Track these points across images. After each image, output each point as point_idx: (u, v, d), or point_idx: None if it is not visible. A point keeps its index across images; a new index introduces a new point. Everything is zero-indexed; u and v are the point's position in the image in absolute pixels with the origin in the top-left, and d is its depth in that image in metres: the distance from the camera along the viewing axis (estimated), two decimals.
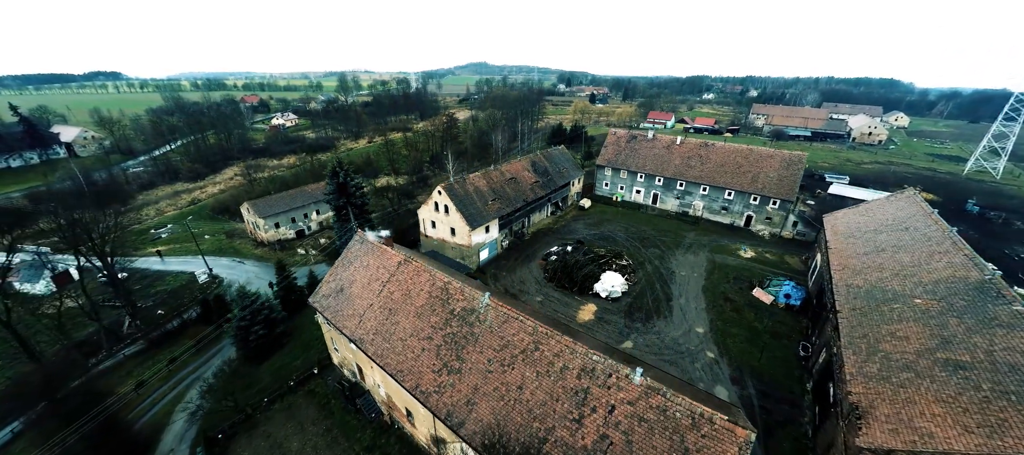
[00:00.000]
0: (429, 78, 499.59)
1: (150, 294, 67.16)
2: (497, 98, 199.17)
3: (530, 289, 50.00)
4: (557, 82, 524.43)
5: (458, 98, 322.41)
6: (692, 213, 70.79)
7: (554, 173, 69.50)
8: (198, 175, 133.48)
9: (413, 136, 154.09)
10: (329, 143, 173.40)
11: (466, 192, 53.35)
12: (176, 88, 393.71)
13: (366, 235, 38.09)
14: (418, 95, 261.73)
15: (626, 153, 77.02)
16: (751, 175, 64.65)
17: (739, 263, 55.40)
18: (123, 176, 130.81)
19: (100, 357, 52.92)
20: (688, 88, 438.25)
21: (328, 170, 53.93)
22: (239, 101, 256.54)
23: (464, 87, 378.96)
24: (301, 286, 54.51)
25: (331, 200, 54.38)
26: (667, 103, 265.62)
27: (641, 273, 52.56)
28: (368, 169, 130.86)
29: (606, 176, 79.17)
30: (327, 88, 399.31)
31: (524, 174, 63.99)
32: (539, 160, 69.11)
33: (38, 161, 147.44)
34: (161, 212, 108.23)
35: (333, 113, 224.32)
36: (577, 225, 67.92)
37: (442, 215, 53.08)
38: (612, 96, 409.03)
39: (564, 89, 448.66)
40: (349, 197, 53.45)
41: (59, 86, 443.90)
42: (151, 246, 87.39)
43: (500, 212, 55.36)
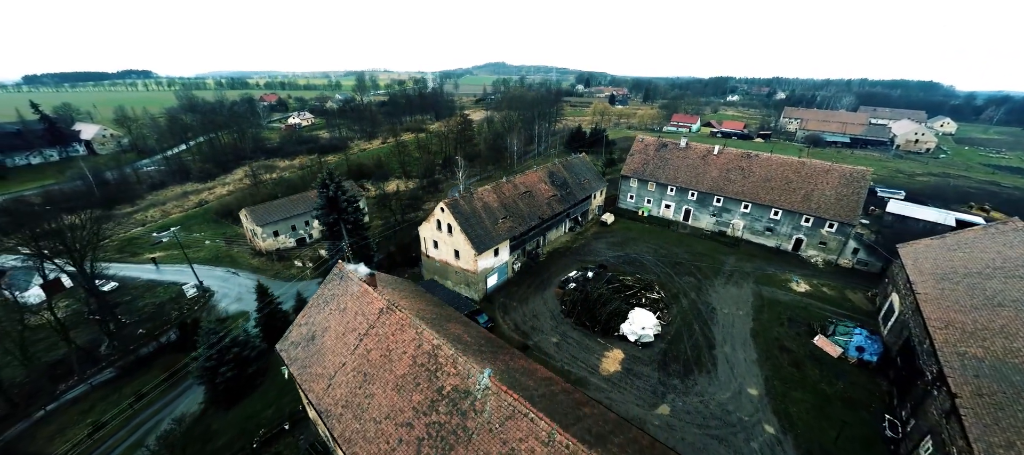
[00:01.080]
0: (446, 78, 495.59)
1: (136, 309, 62.33)
2: (514, 99, 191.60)
3: (545, 326, 42.44)
4: (575, 82, 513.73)
5: (474, 98, 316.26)
6: (731, 233, 61.93)
7: (574, 185, 61.66)
8: (209, 175, 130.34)
9: (425, 138, 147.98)
10: (342, 144, 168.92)
11: (473, 209, 46.12)
12: (201, 86, 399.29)
13: (346, 268, 31.24)
14: (434, 95, 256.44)
15: (655, 163, 68.54)
16: (803, 193, 55.48)
17: (792, 299, 46.60)
18: (135, 175, 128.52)
19: (71, 383, 47.95)
20: (711, 89, 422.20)
21: (317, 181, 47.60)
22: (258, 100, 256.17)
23: (481, 87, 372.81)
24: (287, 311, 48.30)
25: (321, 215, 47.99)
26: (690, 105, 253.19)
27: (676, 309, 44.36)
28: (378, 172, 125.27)
29: (631, 188, 70.85)
30: (345, 87, 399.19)
31: (540, 187, 56.38)
32: (557, 170, 61.37)
33: (58, 158, 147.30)
34: (167, 214, 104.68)
35: (349, 113, 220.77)
36: (599, 244, 59.94)
37: (445, 235, 46.01)
38: (632, 97, 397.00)
39: (582, 90, 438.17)
40: (340, 212, 46.93)
41: (92, 84, 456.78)
42: (150, 251, 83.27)
43: (512, 232, 47.94)
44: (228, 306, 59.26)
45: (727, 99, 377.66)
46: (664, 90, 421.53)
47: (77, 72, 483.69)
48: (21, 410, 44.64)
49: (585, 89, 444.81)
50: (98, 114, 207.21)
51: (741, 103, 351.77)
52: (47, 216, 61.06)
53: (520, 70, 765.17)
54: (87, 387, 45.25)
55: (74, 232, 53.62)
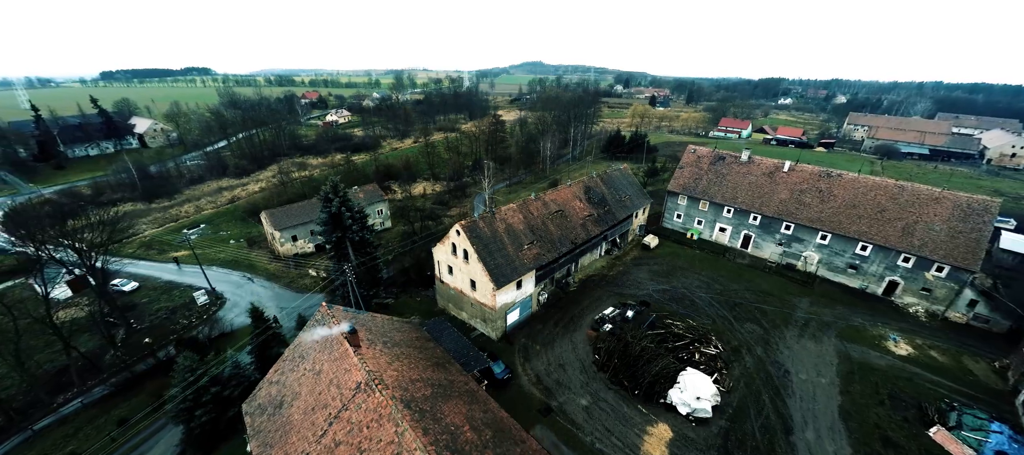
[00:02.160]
0: (482, 77, 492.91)
1: (149, 313, 60.13)
2: (549, 99, 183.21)
3: (573, 381, 34.81)
4: (614, 83, 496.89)
5: (509, 98, 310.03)
6: (802, 267, 51.54)
7: (613, 202, 53.31)
8: (244, 171, 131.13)
9: (455, 138, 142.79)
10: (374, 142, 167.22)
11: (494, 233, 39.11)
12: (251, 83, 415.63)
13: (330, 312, 25.12)
14: (469, 94, 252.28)
15: (709, 178, 58.86)
16: (902, 224, 44.50)
17: (890, 365, 36.44)
18: (177, 169, 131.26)
19: (69, 395, 45.38)
20: (761, 91, 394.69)
21: (321, 193, 42.24)
22: (300, 97, 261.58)
23: (516, 87, 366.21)
24: (285, 336, 43.35)
25: (324, 233, 42.60)
26: (739, 109, 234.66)
27: (738, 370, 35.49)
28: (406, 172, 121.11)
29: (679, 206, 61.48)
30: (384, 85, 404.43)
31: (574, 204, 48.55)
32: (595, 185, 53.24)
33: (113, 150, 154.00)
34: (200, 209, 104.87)
35: (384, 111, 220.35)
36: (640, 273, 51.34)
37: (461, 261, 39.33)
38: (674, 99, 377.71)
39: (621, 90, 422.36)
40: (345, 230, 41.34)
41: (158, 80, 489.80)
42: (178, 249, 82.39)
43: (539, 261, 40.56)
44: (235, 318, 55.54)
45: (779, 102, 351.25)
46: (708, 92, 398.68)
47: (146, 69, 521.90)
48: (15, 424, 42.30)
49: (624, 90, 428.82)
50: (155, 109, 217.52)
51: (795, 107, 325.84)
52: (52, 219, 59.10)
53: (557, 69, 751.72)
54: (79, 405, 42.17)
55: (81, 235, 51.38)
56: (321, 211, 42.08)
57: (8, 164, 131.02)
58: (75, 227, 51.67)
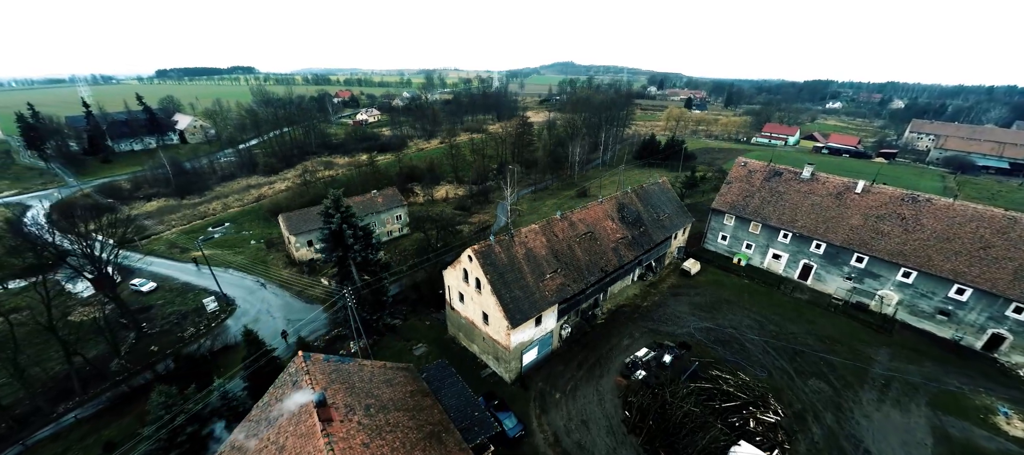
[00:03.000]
0: (512, 77, 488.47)
1: (163, 316, 58.71)
2: (580, 101, 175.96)
3: (598, 445, 28.99)
4: (647, 84, 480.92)
5: (539, 99, 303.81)
6: (876, 308, 43.36)
7: (650, 222, 46.82)
8: (273, 170, 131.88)
9: (481, 140, 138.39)
10: (401, 142, 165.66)
11: (511, 259, 33.81)
12: (291, 82, 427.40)
13: (305, 365, 20.60)
14: (497, 95, 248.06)
15: (762, 196, 51.21)
16: (1015, 266, 35.86)
17: (1004, 451, 28.57)
18: (211, 166, 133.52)
19: (70, 404, 43.74)
20: (807, 95, 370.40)
21: (322, 208, 38.21)
22: (333, 96, 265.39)
23: (546, 87, 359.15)
24: (281, 357, 39.79)
25: (324, 251, 38.60)
26: (785, 113, 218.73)
27: (804, 445, 28.64)
28: (429, 175, 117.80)
29: (725, 226, 54.08)
30: (415, 85, 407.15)
31: (605, 224, 42.51)
32: (630, 202, 46.91)
33: (155, 146, 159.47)
34: (227, 207, 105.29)
35: (413, 110, 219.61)
36: (678, 305, 44.67)
37: (472, 290, 34.30)
38: (711, 101, 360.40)
39: (655, 92, 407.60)
40: (347, 249, 37.21)
41: (206, 78, 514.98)
42: (202, 247, 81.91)
43: (563, 293, 34.94)
44: (241, 330, 52.87)
45: (827, 106, 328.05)
46: (748, 94, 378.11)
47: (196, 67, 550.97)
48: (13, 434, 40.84)
49: (658, 91, 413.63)
50: (198, 106, 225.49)
51: (845, 111, 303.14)
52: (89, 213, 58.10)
53: (588, 70, 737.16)
54: (73, 419, 40.18)
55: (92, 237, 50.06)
56: (321, 228, 38.07)
57: (61, 157, 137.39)
58: (88, 230, 50.03)
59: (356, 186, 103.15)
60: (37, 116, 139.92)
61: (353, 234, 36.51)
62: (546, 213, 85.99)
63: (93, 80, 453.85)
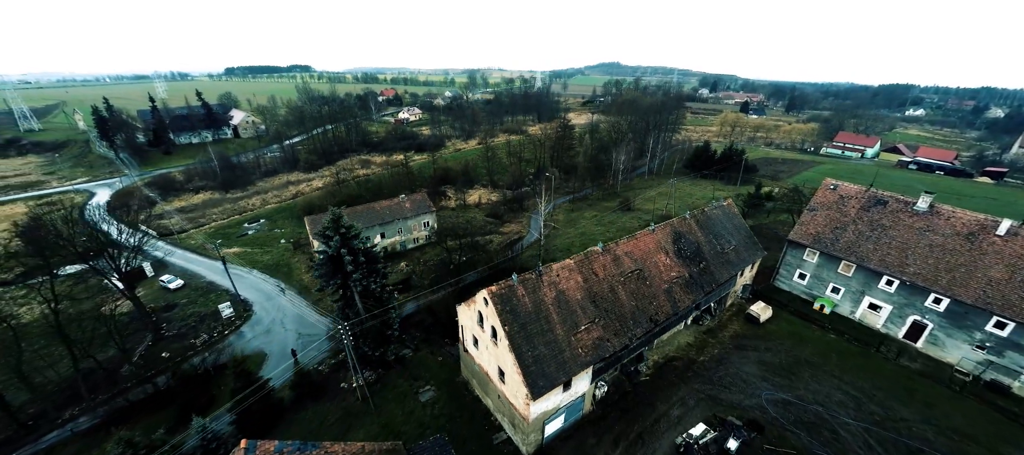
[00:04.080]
0: (556, 77, 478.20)
1: (182, 317, 57.10)
2: (626, 103, 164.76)
3: None
4: (698, 86, 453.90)
5: (582, 100, 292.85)
6: (1021, 392, 32.20)
7: (712, 256, 38.05)
8: (313, 167, 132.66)
9: (519, 142, 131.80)
10: (439, 142, 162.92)
11: (537, 306, 26.85)
12: (342, 80, 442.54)
13: None
14: (539, 95, 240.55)
15: (858, 230, 40.74)
16: None
17: None
18: (256, 161, 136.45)
19: (78, 408, 41.95)
20: (883, 100, 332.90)
21: (322, 226, 32.87)
22: (378, 94, 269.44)
23: (590, 88, 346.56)
24: (278, 393, 35.27)
25: (322, 277, 33.18)
26: (862, 121, 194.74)
27: None
28: (463, 178, 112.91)
29: (804, 262, 43.96)
30: (458, 84, 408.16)
31: (658, 259, 34.41)
32: (688, 230, 38.36)
33: (211, 139, 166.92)
34: (266, 203, 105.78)
35: (454, 110, 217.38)
36: (744, 363, 35.70)
37: (487, 338, 27.74)
38: (770, 106, 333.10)
39: (707, 95, 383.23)
40: (346, 276, 31.75)
41: (266, 76, 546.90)
42: (235, 244, 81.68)
43: (601, 351, 27.53)
44: (251, 340, 49.68)
45: (907, 114, 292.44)
46: (813, 99, 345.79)
47: (259, 66, 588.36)
48: (21, 438, 39.36)
49: (710, 94, 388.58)
50: (254, 102, 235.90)
51: (928, 120, 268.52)
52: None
53: (635, 71, 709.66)
54: (69, 432, 37.89)
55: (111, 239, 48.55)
56: (320, 249, 32.98)
57: (129, 148, 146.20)
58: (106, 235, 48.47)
59: (387, 187, 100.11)
60: (111, 109, 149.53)
61: (353, 260, 30.98)
62: (584, 227, 77.73)
63: (171, 77, 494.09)
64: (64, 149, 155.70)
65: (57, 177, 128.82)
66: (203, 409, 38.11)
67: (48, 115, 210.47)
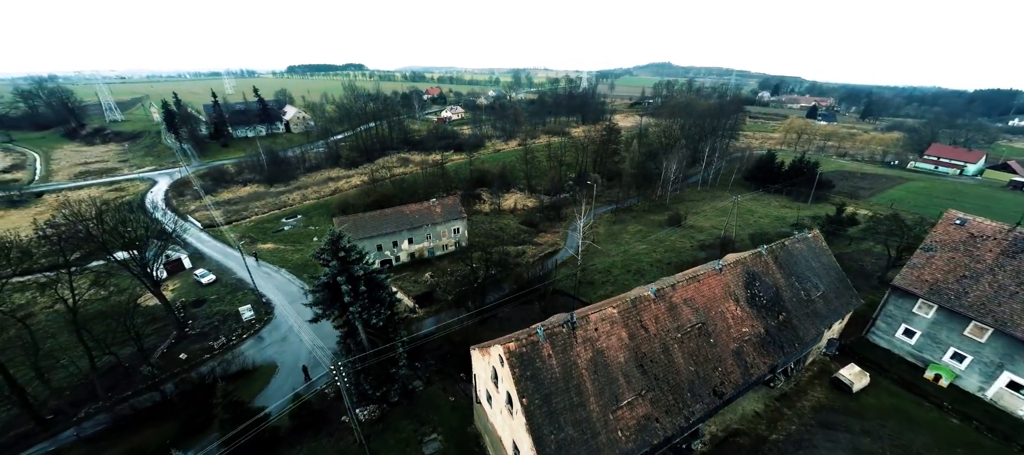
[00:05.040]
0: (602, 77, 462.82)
1: (208, 315, 56.35)
2: (679, 106, 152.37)
3: None
4: (758, 89, 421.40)
5: (629, 101, 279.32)
6: None
7: (794, 305, 29.93)
8: (354, 163, 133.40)
9: (560, 144, 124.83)
10: (478, 142, 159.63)
11: (567, 370, 20.78)
12: (391, 78, 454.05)
13: None
14: (584, 96, 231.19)
15: (997, 283, 30.82)
16: None
17: None
18: (302, 156, 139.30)
19: (94, 406, 41.16)
20: (981, 107, 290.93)
21: (320, 245, 28.49)
22: (423, 93, 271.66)
23: (639, 89, 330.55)
24: (273, 419, 31.63)
25: (318, 303, 28.72)
26: (958, 131, 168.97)
27: None
28: (499, 181, 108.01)
29: (915, 318, 34.35)
30: (502, 84, 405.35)
31: (726, 309, 27.05)
32: (764, 270, 30.44)
33: (264, 134, 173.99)
34: (305, 198, 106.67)
35: (496, 109, 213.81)
36: (833, 449, 27.45)
37: (502, 402, 22.09)
38: (842, 111, 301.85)
39: (768, 98, 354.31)
40: (344, 306, 27.19)
41: (323, 73, 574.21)
42: (271, 239, 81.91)
43: (648, 436, 20.97)
44: (265, 348, 47.36)
45: (1011, 124, 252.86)
46: (893, 104, 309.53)
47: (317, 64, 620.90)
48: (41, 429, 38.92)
49: (772, 98, 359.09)
50: (308, 99, 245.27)
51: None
52: None
53: (687, 72, 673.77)
54: (74, 436, 36.67)
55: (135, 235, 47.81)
56: (321, 273, 28.72)
57: (192, 140, 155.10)
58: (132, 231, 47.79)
59: (421, 188, 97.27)
60: (178, 104, 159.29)
61: (352, 289, 26.38)
62: (627, 243, 69.84)
63: (240, 74, 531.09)
64: (138, 139, 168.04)
65: (129, 165, 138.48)
66: (202, 428, 35.82)
67: (131, 108, 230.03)
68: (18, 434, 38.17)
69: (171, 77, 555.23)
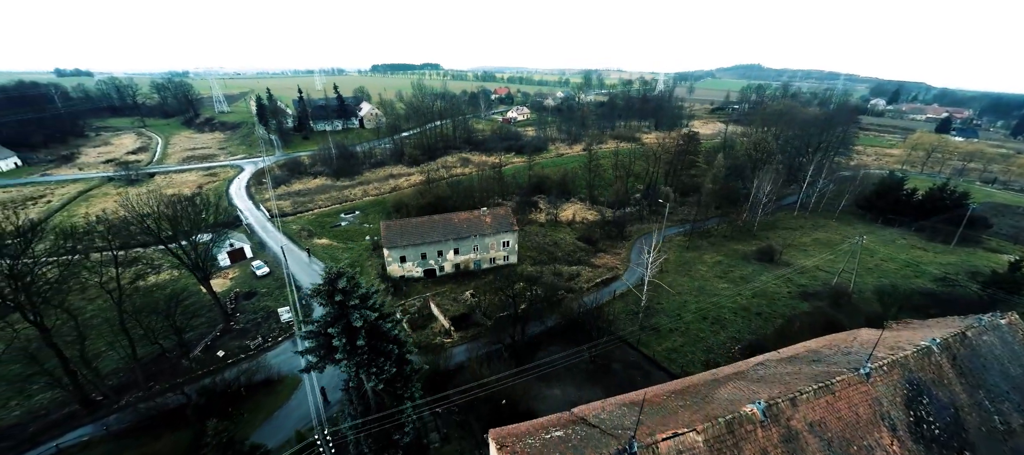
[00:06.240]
0: (681, 80, 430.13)
1: (253, 310, 56.49)
2: (775, 114, 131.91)
3: None
4: (869, 95, 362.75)
5: (710, 106, 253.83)
6: None
7: (981, 438, 19.19)
8: (415, 161, 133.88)
9: (628, 152, 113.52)
10: (541, 144, 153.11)
11: None
12: (463, 78, 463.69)
13: None
14: (659, 99, 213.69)
15: None
16: None
17: None
18: (369, 151, 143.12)
19: (135, 396, 41.59)
20: None
21: (317, 286, 23.43)
22: (491, 92, 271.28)
23: (723, 93, 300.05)
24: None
25: (313, 352, 23.67)
26: None
27: None
28: (559, 189, 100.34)
29: None
30: (572, 85, 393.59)
31: (874, 440, 17.49)
32: (933, 377, 19.89)
33: (341, 128, 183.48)
34: (366, 194, 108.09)
35: (563, 111, 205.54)
36: None
37: None
38: (984, 125, 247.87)
39: (883, 107, 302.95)
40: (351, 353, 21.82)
41: (403, 72, 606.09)
42: (326, 234, 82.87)
43: None
44: (290, 358, 45.11)
45: None
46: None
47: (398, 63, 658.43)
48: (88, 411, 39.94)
49: (889, 107, 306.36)
50: (384, 96, 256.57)
51: None
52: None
53: (781, 75, 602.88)
54: (104, 431, 36.51)
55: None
56: (321, 313, 23.89)
57: (278, 132, 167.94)
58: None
59: (476, 193, 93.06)
60: (270, 98, 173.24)
61: (348, 343, 21.02)
62: (703, 277, 58.35)
63: (330, 72, 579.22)
64: (238, 129, 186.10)
65: (226, 152, 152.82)
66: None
67: (236, 101, 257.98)
68: (66, 414, 39.67)
69: (275, 74, 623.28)
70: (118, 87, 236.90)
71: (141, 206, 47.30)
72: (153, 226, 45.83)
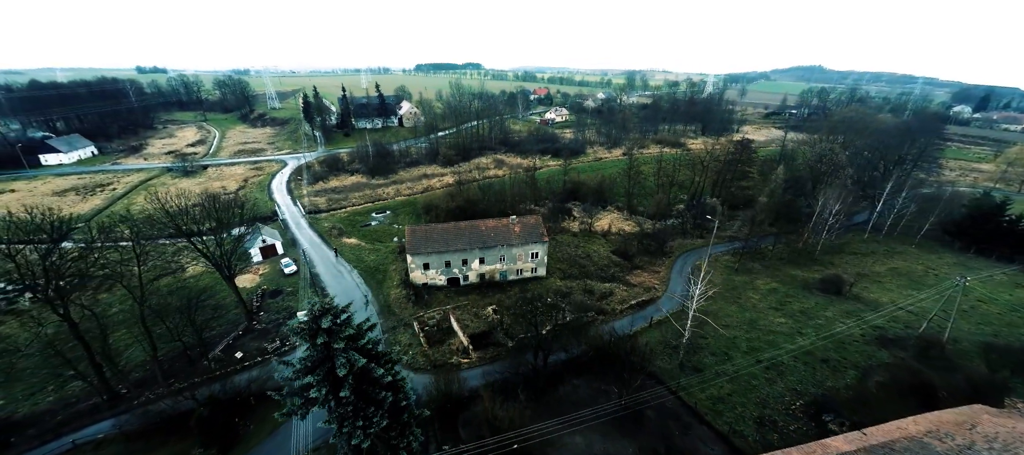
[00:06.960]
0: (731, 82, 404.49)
1: (276, 311, 55.88)
2: (842, 122, 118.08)
3: None
4: (951, 101, 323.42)
5: (764, 111, 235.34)
6: None
7: None
8: (450, 161, 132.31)
9: (671, 158, 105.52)
10: (579, 148, 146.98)
11: None
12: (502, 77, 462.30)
13: None
14: (708, 102, 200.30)
15: None
16: None
17: None
18: (405, 150, 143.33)
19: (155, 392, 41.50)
20: None
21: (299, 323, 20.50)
22: (530, 93, 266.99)
23: (779, 97, 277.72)
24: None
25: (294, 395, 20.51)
26: None
27: None
28: (595, 196, 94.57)
29: None
30: (615, 86, 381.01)
31: None
32: None
33: (380, 126, 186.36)
34: (399, 193, 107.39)
35: (603, 113, 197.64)
36: None
37: None
38: None
39: (969, 115, 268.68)
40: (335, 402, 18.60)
41: (445, 72, 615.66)
42: (355, 234, 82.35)
43: None
44: None
45: None
46: None
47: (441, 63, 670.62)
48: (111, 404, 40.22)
49: (976, 114, 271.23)
50: (425, 95, 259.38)
51: None
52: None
53: (845, 77, 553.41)
54: (116, 429, 36.08)
55: None
56: (305, 352, 20.81)
57: (322, 128, 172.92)
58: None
59: (507, 197, 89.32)
60: (316, 96, 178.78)
61: (331, 390, 17.81)
62: (756, 308, 51.08)
63: (376, 71, 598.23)
64: (286, 125, 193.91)
65: (273, 147, 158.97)
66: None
67: (288, 98, 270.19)
68: (91, 404, 40.16)
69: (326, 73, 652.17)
70: (185, 83, 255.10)
71: (170, 204, 47.36)
72: (182, 224, 45.67)
